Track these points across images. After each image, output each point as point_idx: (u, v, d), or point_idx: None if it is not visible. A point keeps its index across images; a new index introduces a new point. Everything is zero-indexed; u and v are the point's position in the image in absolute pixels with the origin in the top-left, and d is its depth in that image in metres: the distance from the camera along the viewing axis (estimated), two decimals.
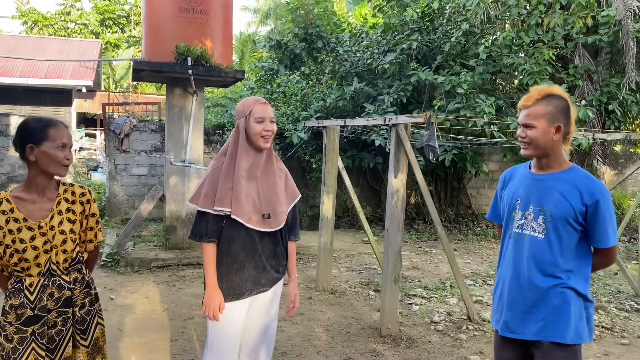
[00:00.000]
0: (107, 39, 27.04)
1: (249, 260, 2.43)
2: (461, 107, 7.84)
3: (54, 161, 2.12)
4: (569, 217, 2.09)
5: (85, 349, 2.26)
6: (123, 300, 5.17)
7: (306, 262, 7.11)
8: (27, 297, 2.12)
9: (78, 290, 2.24)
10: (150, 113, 13.71)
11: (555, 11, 7.95)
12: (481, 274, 6.77)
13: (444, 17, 8.95)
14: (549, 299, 2.11)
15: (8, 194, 2.17)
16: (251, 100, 2.49)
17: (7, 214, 2.12)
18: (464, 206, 10.97)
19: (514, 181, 2.33)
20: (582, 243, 2.14)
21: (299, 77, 11.10)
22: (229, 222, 2.41)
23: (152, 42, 6.64)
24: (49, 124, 2.13)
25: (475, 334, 4.56)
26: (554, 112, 2.12)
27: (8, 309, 2.14)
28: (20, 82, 16.49)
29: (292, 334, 4.41)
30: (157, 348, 4.02)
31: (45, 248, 2.14)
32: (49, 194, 2.21)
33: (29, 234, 2.12)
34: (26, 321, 2.12)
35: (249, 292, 2.45)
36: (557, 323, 2.10)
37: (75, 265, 2.25)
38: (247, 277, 2.43)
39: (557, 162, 2.18)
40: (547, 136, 2.12)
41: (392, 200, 4.43)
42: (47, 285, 2.15)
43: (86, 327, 2.26)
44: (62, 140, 2.12)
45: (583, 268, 2.15)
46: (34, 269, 2.14)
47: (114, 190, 9.63)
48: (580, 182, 2.10)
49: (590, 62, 8.69)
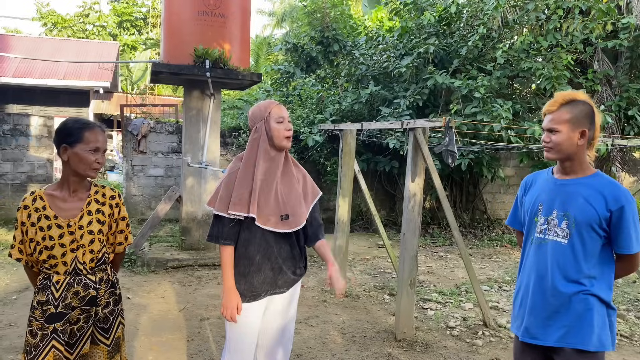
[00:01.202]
0: (125, 41, 27.35)
1: (265, 262, 2.45)
2: (478, 112, 7.80)
3: (84, 163, 2.18)
4: (593, 223, 2.08)
5: (106, 347, 2.30)
6: (140, 299, 5.23)
7: (321, 264, 7.12)
8: (52, 294, 2.18)
9: (103, 290, 2.29)
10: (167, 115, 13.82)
11: (575, 16, 7.88)
12: (497, 279, 6.73)
13: (462, 21, 8.92)
14: (572, 305, 2.10)
15: (42, 192, 2.24)
16: (267, 102, 2.52)
17: (39, 211, 2.19)
18: (479, 211, 10.91)
19: (536, 186, 2.32)
20: (606, 249, 2.13)
21: (315, 80, 11.14)
22: (245, 225, 2.44)
23: (170, 44, 6.71)
24: (86, 127, 2.19)
25: (492, 339, 4.53)
26: (579, 117, 2.12)
27: (35, 304, 2.20)
28: (39, 83, 16.75)
29: (307, 336, 4.42)
30: (173, 348, 4.06)
31: (72, 247, 2.19)
32: (80, 193, 2.27)
33: (57, 232, 2.18)
34: (49, 318, 2.17)
35: (265, 293, 2.48)
36: (580, 330, 2.09)
37: (101, 266, 2.29)
38: (263, 278, 2.46)
39: (581, 168, 2.18)
40: (571, 141, 2.12)
41: (409, 205, 4.43)
42: (72, 284, 2.20)
43: (109, 326, 2.31)
44: (95, 144, 2.18)
45: (606, 275, 2.14)
46: (60, 266, 2.19)
47: (131, 190, 9.73)
48: (605, 188, 2.10)
49: (609, 67, 8.60)
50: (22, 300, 5.04)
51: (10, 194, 9.02)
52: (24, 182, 9.10)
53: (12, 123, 9.04)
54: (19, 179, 9.09)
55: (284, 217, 2.45)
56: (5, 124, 9.01)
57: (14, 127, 9.05)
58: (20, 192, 9.06)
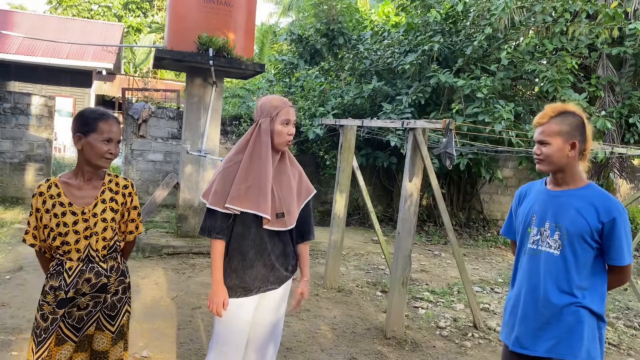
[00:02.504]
0: (130, 23, 27.18)
1: (258, 258, 2.44)
2: (480, 112, 7.79)
3: (96, 153, 2.21)
4: (585, 234, 2.09)
5: (110, 334, 2.35)
6: (133, 285, 5.23)
7: (315, 258, 7.13)
8: (65, 280, 2.22)
9: (113, 278, 2.33)
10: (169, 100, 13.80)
11: (581, 20, 7.84)
12: (489, 281, 6.75)
13: (468, 20, 8.87)
14: (563, 316, 2.12)
15: (57, 179, 2.28)
16: (279, 100, 2.46)
17: (54, 198, 2.23)
18: (475, 211, 10.92)
19: (530, 197, 2.33)
20: (598, 260, 2.14)
21: (318, 73, 11.10)
22: (240, 220, 2.41)
23: (175, 31, 6.68)
24: (101, 117, 2.22)
25: (480, 342, 4.56)
26: (569, 129, 2.13)
27: (48, 289, 2.24)
28: (42, 61, 16.67)
29: (297, 330, 4.44)
30: (164, 335, 4.08)
31: (86, 234, 2.24)
32: (94, 182, 2.31)
33: (72, 219, 2.22)
34: (60, 303, 2.22)
35: (257, 289, 2.47)
36: (570, 341, 2.10)
37: (112, 254, 2.34)
38: (255, 274, 2.44)
39: (573, 179, 2.19)
40: (562, 153, 2.14)
41: (405, 205, 4.43)
42: (84, 271, 2.24)
43: (116, 314, 2.36)
44: (109, 134, 2.21)
45: (599, 286, 2.15)
46: (73, 253, 2.23)
47: (129, 174, 9.73)
48: (597, 200, 2.11)
49: (613, 73, 8.57)
50: (15, 280, 5.05)
51: (8, 172, 9.01)
52: (23, 161, 9.09)
53: (12, 101, 9.01)
54: (18, 157, 9.07)
55: (280, 215, 2.44)
56: (6, 102, 8.97)
57: (15, 105, 9.02)
58: (18, 170, 9.06)
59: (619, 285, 2.26)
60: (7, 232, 6.89)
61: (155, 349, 3.81)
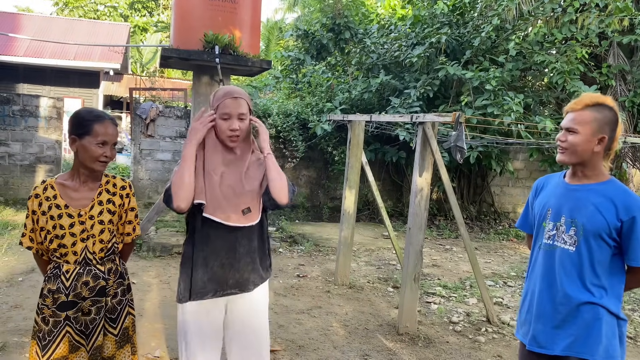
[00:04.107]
0: (136, 22, 27.26)
1: (212, 257, 2.22)
2: (489, 104, 7.71)
3: (90, 156, 2.16)
4: (602, 232, 2.00)
5: (113, 337, 2.32)
6: (144, 285, 5.25)
7: (325, 254, 7.11)
8: (63, 283, 2.19)
9: (112, 281, 2.30)
10: (176, 98, 13.81)
11: (591, 10, 7.73)
12: (502, 274, 6.70)
13: (475, 11, 8.79)
14: (580, 314, 2.04)
15: (54, 181, 2.24)
16: (221, 92, 2.26)
17: (50, 200, 2.20)
18: (486, 204, 10.84)
19: (546, 190, 2.25)
20: (616, 259, 2.06)
21: (325, 68, 11.04)
22: (201, 218, 2.20)
23: (180, 29, 6.66)
24: (96, 119, 2.16)
25: (494, 336, 4.51)
26: (601, 122, 2.02)
27: (46, 292, 2.22)
28: (49, 63, 16.76)
29: (309, 327, 4.43)
30: (176, 335, 4.07)
31: (83, 236, 2.20)
32: (91, 183, 2.27)
33: (68, 221, 2.19)
34: (61, 306, 2.19)
35: (213, 292, 2.23)
36: (587, 339, 2.03)
37: (110, 256, 2.31)
38: (210, 276, 2.22)
39: (594, 174, 2.09)
40: (588, 145, 2.02)
41: (416, 199, 4.39)
42: (82, 274, 2.21)
43: (116, 316, 2.32)
44: (103, 137, 2.15)
45: (616, 286, 2.07)
46: (70, 256, 2.20)
47: (138, 174, 9.75)
48: (617, 196, 2.01)
49: (624, 62, 8.44)
50: (28, 282, 5.08)
51: (19, 175, 9.07)
52: (33, 163, 9.14)
53: (21, 104, 9.06)
54: (28, 159, 9.12)
55: (246, 211, 2.21)
56: (15, 104, 9.02)
57: (24, 107, 9.06)
58: (28, 172, 9.11)
59: (638, 287, 2.17)
60: (19, 234, 6.93)
61: (167, 349, 3.81)
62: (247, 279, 2.28)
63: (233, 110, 2.20)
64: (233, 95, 2.22)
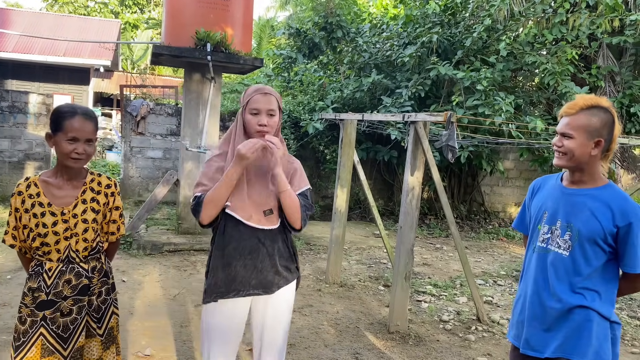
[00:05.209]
0: (127, 19, 27.09)
1: (236, 257, 2.24)
2: (480, 104, 7.75)
3: (62, 153, 2.11)
4: (597, 238, 1.98)
5: (99, 338, 2.28)
6: (134, 283, 5.23)
7: (316, 253, 7.12)
8: (44, 280, 2.15)
9: (96, 279, 2.26)
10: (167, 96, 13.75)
11: (581, 10, 7.79)
12: (492, 273, 6.74)
13: (467, 12, 8.82)
14: (571, 316, 2.03)
15: (37, 178, 2.20)
16: (252, 89, 2.28)
17: (33, 197, 2.15)
18: (476, 203, 10.91)
19: (543, 192, 2.23)
20: (610, 265, 2.04)
21: (317, 67, 11.04)
22: (224, 217, 2.24)
23: (172, 26, 6.62)
24: (68, 115, 2.09)
25: (484, 335, 4.55)
26: (597, 125, 1.98)
27: (26, 291, 2.18)
28: (39, 59, 16.62)
29: (300, 325, 4.43)
30: (167, 333, 4.07)
31: (66, 235, 2.16)
32: (75, 181, 2.22)
33: (51, 219, 2.15)
34: (40, 305, 2.15)
35: (236, 292, 2.25)
36: (578, 340, 2.02)
37: (94, 254, 2.27)
38: (234, 275, 2.24)
39: (592, 178, 2.06)
40: (584, 149, 1.99)
41: (407, 198, 4.41)
42: (64, 272, 2.17)
43: (101, 316, 2.28)
44: (73, 133, 2.07)
45: (610, 291, 2.05)
46: (53, 254, 2.16)
47: (129, 172, 9.70)
48: (613, 202, 1.99)
49: (614, 63, 8.52)
50: (17, 280, 5.03)
51: (7, 172, 8.98)
52: (22, 160, 9.06)
53: (10, 100, 8.97)
54: (17, 156, 9.04)
55: (267, 212, 2.25)
56: (4, 100, 8.93)
57: (12, 104, 8.97)
58: (17, 169, 9.02)
59: (631, 293, 2.16)
60: None
61: (157, 347, 3.79)
62: (270, 281, 2.30)
63: (262, 105, 2.22)
64: (264, 91, 2.25)
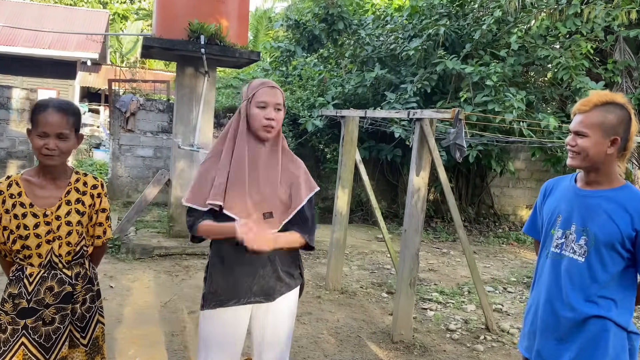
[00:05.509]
0: (115, 10, 27.06)
1: (238, 263, 2.24)
2: (489, 101, 7.74)
3: (34, 148, 2.10)
4: (615, 242, 1.96)
5: (83, 348, 2.26)
6: (123, 289, 5.22)
7: (316, 257, 7.12)
8: (25, 287, 2.13)
9: (80, 286, 2.24)
10: (159, 91, 13.74)
11: (597, 1, 7.79)
12: (501, 280, 6.74)
13: (476, 3, 8.83)
14: (586, 327, 2.01)
15: (19, 177, 2.17)
16: (257, 82, 2.30)
17: (14, 197, 2.13)
18: (485, 206, 10.90)
19: (556, 195, 2.21)
20: (628, 271, 2.02)
21: (317, 60, 11.04)
22: (222, 219, 2.21)
23: (163, 17, 6.62)
24: (41, 109, 2.07)
25: (493, 345, 4.54)
26: (613, 122, 1.97)
27: (6, 297, 2.15)
28: (22, 51, 16.60)
29: (299, 334, 4.43)
30: (156, 342, 4.06)
31: (48, 238, 2.14)
32: (59, 181, 2.20)
33: (33, 221, 2.12)
34: (21, 312, 2.13)
35: (237, 299, 2.26)
36: (594, 352, 2.00)
37: (78, 260, 2.24)
38: (234, 282, 2.25)
39: (608, 179, 2.05)
40: (599, 148, 1.98)
41: (412, 200, 4.41)
42: (46, 278, 2.15)
43: (85, 325, 2.26)
44: (42, 128, 2.05)
45: (627, 299, 2.03)
46: (35, 258, 2.14)
47: (117, 171, 9.69)
48: (631, 204, 1.97)
49: (631, 57, 8.51)
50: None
51: None
52: (4, 158, 9.06)
53: None
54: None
55: (267, 215, 2.24)
56: None
57: None
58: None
59: None
60: None
61: (146, 357, 3.79)
62: (272, 287, 2.30)
63: (270, 99, 2.23)
64: (270, 85, 2.27)
